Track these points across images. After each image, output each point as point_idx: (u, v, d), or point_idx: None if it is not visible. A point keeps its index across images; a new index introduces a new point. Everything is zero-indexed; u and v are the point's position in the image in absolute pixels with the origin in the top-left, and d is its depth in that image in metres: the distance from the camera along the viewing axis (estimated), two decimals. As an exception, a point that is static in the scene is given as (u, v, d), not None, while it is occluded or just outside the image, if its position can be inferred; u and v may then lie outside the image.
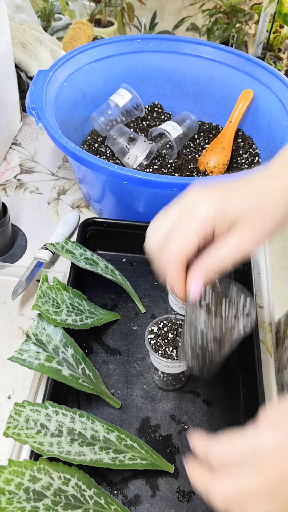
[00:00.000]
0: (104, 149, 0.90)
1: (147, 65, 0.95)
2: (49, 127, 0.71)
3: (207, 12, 2.62)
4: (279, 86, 0.83)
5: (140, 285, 0.75)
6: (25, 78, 1.04)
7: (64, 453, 0.51)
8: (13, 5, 1.07)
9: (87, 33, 1.74)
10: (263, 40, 2.76)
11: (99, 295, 0.74)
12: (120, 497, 0.55)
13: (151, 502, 0.55)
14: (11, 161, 0.97)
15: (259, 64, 0.86)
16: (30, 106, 0.74)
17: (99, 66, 0.90)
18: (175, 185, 0.64)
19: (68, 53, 0.85)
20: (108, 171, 0.66)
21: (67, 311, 0.63)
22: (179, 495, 0.55)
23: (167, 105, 0.99)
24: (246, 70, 0.88)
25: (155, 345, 0.59)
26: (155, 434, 0.60)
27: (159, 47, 0.93)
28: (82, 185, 0.82)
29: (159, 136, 0.89)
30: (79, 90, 0.88)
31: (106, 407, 0.62)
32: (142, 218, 0.76)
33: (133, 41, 0.92)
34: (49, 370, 0.57)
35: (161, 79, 0.97)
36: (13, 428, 0.52)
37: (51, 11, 2.44)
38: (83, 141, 0.92)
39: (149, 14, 2.84)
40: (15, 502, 0.48)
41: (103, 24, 2.96)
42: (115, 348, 0.68)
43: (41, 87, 0.77)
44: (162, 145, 0.89)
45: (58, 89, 0.81)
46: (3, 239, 0.78)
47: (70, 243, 0.71)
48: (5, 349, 0.68)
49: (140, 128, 0.94)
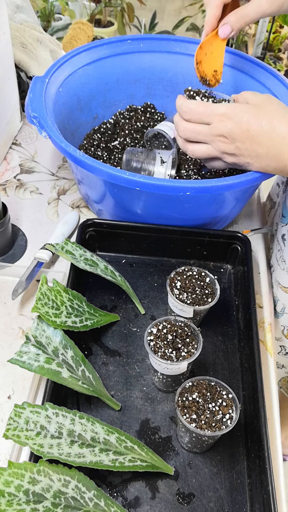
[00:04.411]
0: (101, 153, 0.90)
1: (138, 66, 0.95)
2: (54, 135, 0.70)
3: (207, 12, 2.62)
4: (278, 86, 0.83)
5: (139, 286, 0.75)
6: (25, 78, 1.04)
7: (64, 455, 0.51)
8: (13, 5, 1.07)
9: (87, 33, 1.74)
10: (263, 40, 2.76)
11: (99, 296, 0.74)
12: (120, 499, 0.55)
13: (151, 504, 0.55)
14: (11, 161, 0.97)
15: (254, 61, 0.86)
16: (31, 115, 0.73)
17: (91, 69, 0.89)
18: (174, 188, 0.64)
19: (61, 58, 0.84)
20: (123, 179, 0.65)
21: (67, 313, 0.63)
22: (179, 497, 0.55)
23: (159, 105, 1.00)
24: (239, 67, 0.88)
25: (154, 347, 0.59)
26: (155, 436, 0.60)
27: (150, 47, 0.93)
28: (81, 186, 0.82)
29: (154, 136, 0.89)
30: (74, 95, 0.88)
31: (106, 408, 0.62)
32: (142, 219, 0.76)
33: (124, 42, 0.92)
34: (49, 372, 0.57)
35: (153, 79, 0.97)
36: (13, 430, 0.52)
37: (51, 11, 2.44)
38: (80, 145, 0.92)
39: (149, 14, 2.83)
40: (14, 504, 0.48)
41: (103, 24, 2.96)
42: (115, 350, 0.68)
43: (39, 95, 0.76)
44: (158, 146, 0.89)
45: (55, 95, 0.80)
46: (3, 239, 0.78)
47: (70, 244, 0.71)
48: (5, 349, 0.68)
49: (134, 129, 0.93)
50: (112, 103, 0.97)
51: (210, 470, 0.57)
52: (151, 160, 0.81)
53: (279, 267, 0.81)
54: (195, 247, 0.77)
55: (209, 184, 0.64)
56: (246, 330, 0.67)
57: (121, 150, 0.91)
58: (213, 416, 0.54)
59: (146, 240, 0.77)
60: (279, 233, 0.82)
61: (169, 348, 0.59)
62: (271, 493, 0.51)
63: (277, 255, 0.81)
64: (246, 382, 0.64)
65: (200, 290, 0.66)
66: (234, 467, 0.58)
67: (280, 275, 0.81)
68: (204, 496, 0.55)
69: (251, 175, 0.66)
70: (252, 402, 0.60)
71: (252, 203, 0.93)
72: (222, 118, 0.61)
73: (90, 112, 0.93)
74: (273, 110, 0.60)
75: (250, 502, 0.55)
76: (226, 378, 0.65)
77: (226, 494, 0.56)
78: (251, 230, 0.84)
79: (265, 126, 0.59)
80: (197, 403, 0.55)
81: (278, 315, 0.86)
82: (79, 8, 2.85)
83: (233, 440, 0.60)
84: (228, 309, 0.73)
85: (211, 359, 0.67)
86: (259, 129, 0.60)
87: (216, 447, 0.59)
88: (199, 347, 0.59)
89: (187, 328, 0.61)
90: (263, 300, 0.77)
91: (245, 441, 0.60)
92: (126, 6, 2.64)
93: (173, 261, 0.79)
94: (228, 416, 0.54)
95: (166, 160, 0.81)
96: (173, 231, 0.75)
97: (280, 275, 0.81)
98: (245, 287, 0.70)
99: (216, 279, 0.67)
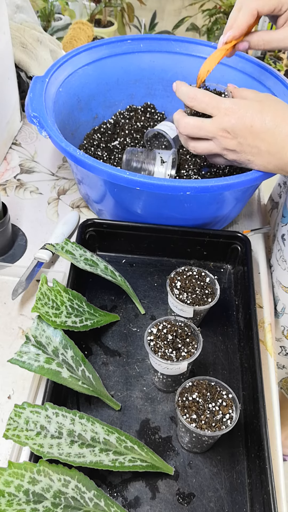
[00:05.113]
0: (101, 153, 0.90)
1: (138, 66, 0.95)
2: (54, 135, 0.70)
3: (207, 12, 2.62)
4: (278, 86, 0.82)
5: (139, 286, 0.75)
6: (25, 78, 1.03)
7: (64, 455, 0.51)
8: (13, 5, 1.07)
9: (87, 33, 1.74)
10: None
11: (99, 296, 0.74)
12: (120, 499, 0.55)
13: (151, 504, 0.55)
14: (11, 161, 0.97)
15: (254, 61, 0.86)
16: (31, 115, 0.73)
17: (91, 69, 0.89)
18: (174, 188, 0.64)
19: (61, 58, 0.84)
20: (123, 178, 0.64)
21: (67, 313, 0.63)
22: (179, 497, 0.55)
23: (159, 105, 1.00)
24: (239, 67, 0.88)
25: (154, 347, 0.59)
26: (155, 436, 0.60)
27: (150, 47, 0.93)
28: (81, 186, 0.82)
29: (154, 136, 0.89)
30: (74, 95, 0.88)
31: (106, 408, 0.62)
32: (142, 219, 0.76)
33: (124, 42, 0.92)
34: (49, 372, 0.57)
35: (153, 79, 0.97)
36: (13, 430, 0.52)
37: (51, 11, 2.44)
38: (80, 145, 0.91)
39: (149, 14, 2.83)
40: (14, 504, 0.48)
41: (103, 24, 2.96)
42: (115, 350, 0.68)
43: (39, 95, 0.76)
44: (158, 146, 0.89)
45: (55, 95, 0.80)
46: (3, 239, 0.78)
47: (70, 244, 0.71)
48: (5, 349, 0.68)
49: (134, 129, 0.93)
50: (112, 103, 0.97)
51: (210, 470, 0.57)
52: (151, 160, 0.81)
53: (280, 267, 0.81)
54: (195, 247, 0.77)
55: (209, 184, 0.64)
56: (246, 330, 0.67)
57: (121, 150, 0.91)
58: (213, 416, 0.54)
59: (146, 240, 0.77)
60: (279, 233, 0.82)
61: (169, 348, 0.59)
62: (271, 493, 0.51)
63: (277, 255, 0.81)
64: (246, 382, 0.64)
65: (200, 290, 0.66)
66: (234, 467, 0.58)
67: (281, 275, 0.81)
68: (204, 496, 0.55)
69: (251, 174, 0.66)
70: (252, 402, 0.60)
71: (252, 203, 0.93)
72: (227, 112, 0.61)
73: (90, 112, 0.93)
74: (276, 108, 0.60)
75: (250, 502, 0.55)
76: (226, 378, 0.65)
77: (226, 494, 0.56)
78: (251, 230, 0.84)
79: (268, 122, 0.59)
80: (197, 403, 0.55)
81: (279, 315, 0.86)
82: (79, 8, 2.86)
83: (233, 440, 0.60)
84: (228, 309, 0.73)
85: (211, 359, 0.67)
86: (262, 125, 0.59)
87: (216, 447, 0.59)
88: (199, 347, 0.59)
89: (187, 328, 0.61)
90: (263, 300, 0.77)
91: (245, 441, 0.60)
92: (126, 6, 2.64)
93: (173, 261, 0.79)
94: (228, 416, 0.54)
95: (166, 160, 0.81)
96: (173, 231, 0.75)
97: (280, 275, 0.81)
98: (245, 287, 0.70)
99: (216, 279, 0.67)
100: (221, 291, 0.69)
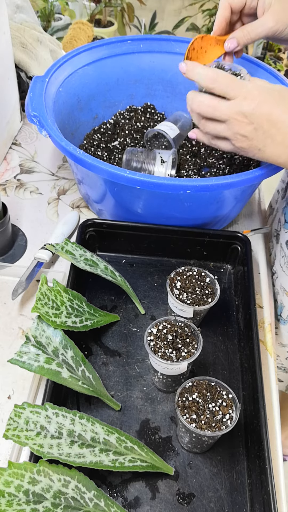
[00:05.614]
0: (101, 153, 0.90)
1: (138, 66, 0.95)
2: (54, 134, 0.70)
3: (207, 12, 2.62)
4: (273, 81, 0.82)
5: (139, 286, 0.75)
6: (25, 78, 1.03)
7: (64, 455, 0.51)
8: (13, 5, 1.07)
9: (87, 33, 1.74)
10: (263, 40, 2.75)
11: (99, 296, 0.74)
12: (120, 500, 0.55)
13: (151, 505, 0.55)
14: (11, 161, 0.97)
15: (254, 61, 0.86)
16: (31, 114, 0.73)
17: (91, 69, 0.90)
18: (174, 187, 0.64)
19: (61, 58, 0.84)
20: (123, 177, 0.65)
21: (67, 313, 0.63)
22: (179, 497, 0.55)
23: (159, 105, 1.00)
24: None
25: (154, 347, 0.59)
26: (155, 436, 0.60)
27: (150, 48, 0.93)
28: (81, 186, 0.82)
29: (154, 137, 0.89)
30: (74, 95, 0.88)
31: (105, 409, 0.62)
32: (142, 219, 0.75)
33: (124, 42, 0.92)
34: (49, 372, 0.57)
35: (153, 79, 0.97)
36: (12, 430, 0.52)
37: (51, 11, 2.44)
38: (80, 145, 0.91)
39: (149, 14, 2.83)
40: (14, 504, 0.48)
41: (103, 24, 2.96)
42: (115, 350, 0.68)
43: (39, 94, 0.76)
44: (158, 146, 0.89)
45: (55, 95, 0.80)
46: (3, 239, 0.78)
47: (70, 244, 0.71)
48: (5, 349, 0.68)
49: (134, 129, 0.93)
50: (112, 103, 0.97)
51: (210, 470, 0.57)
52: (151, 160, 0.81)
53: (284, 273, 0.81)
54: (195, 247, 0.77)
55: (209, 183, 0.64)
56: (246, 330, 0.67)
57: (121, 150, 0.91)
58: (213, 416, 0.54)
59: (146, 240, 0.77)
60: (283, 239, 0.81)
61: (169, 348, 0.59)
62: (271, 493, 0.51)
63: (281, 261, 0.81)
64: (246, 382, 0.64)
65: (200, 290, 0.66)
66: (234, 467, 0.58)
67: (286, 281, 0.81)
68: (204, 496, 0.55)
69: (251, 173, 0.66)
70: (252, 402, 0.60)
71: (252, 203, 0.93)
72: (247, 96, 0.58)
73: (90, 112, 0.93)
74: None
75: (250, 502, 0.55)
76: (226, 378, 0.65)
77: (226, 494, 0.56)
78: (251, 230, 0.84)
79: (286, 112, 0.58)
80: (197, 403, 0.55)
81: (285, 322, 0.86)
82: (79, 8, 2.86)
83: (233, 440, 0.60)
84: (228, 309, 0.73)
85: (211, 359, 0.67)
86: (281, 115, 0.57)
87: (216, 447, 0.59)
88: (199, 347, 0.59)
89: (187, 328, 0.61)
90: (263, 300, 0.77)
91: (245, 441, 0.60)
92: (126, 6, 2.64)
93: (173, 261, 0.79)
94: (228, 416, 0.54)
95: (166, 160, 0.81)
96: (173, 231, 0.75)
97: (285, 281, 0.81)
98: (245, 287, 0.70)
99: (216, 279, 0.67)
100: (221, 291, 0.69)
